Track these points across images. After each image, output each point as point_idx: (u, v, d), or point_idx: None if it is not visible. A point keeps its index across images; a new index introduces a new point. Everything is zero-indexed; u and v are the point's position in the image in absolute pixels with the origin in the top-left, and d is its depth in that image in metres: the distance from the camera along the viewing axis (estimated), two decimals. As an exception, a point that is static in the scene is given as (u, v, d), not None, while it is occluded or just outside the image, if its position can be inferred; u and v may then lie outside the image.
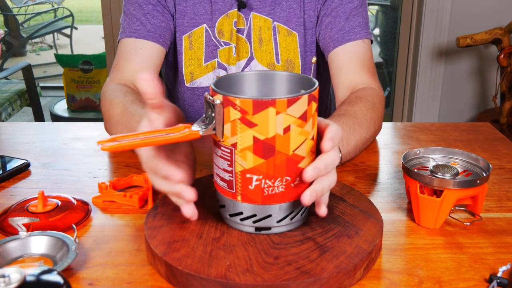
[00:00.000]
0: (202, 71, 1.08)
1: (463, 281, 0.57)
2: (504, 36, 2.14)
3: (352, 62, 0.99)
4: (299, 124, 0.56)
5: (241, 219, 0.60)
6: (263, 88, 0.65)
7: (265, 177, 0.57)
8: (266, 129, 0.55)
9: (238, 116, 0.55)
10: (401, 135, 1.02)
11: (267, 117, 0.54)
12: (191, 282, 0.54)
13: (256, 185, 0.57)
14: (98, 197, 0.75)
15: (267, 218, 0.59)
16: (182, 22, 1.05)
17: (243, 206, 0.59)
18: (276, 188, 0.57)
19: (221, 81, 0.61)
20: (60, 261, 0.57)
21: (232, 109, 0.55)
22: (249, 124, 0.55)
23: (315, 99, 0.57)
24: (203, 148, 0.94)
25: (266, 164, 0.56)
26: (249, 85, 0.64)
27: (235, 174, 0.58)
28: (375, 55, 3.41)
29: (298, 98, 0.55)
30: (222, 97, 0.55)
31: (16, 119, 3.36)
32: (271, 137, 0.55)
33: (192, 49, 1.06)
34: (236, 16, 1.04)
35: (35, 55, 5.36)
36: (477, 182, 0.66)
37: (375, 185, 0.80)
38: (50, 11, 5.58)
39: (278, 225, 0.60)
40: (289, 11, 1.04)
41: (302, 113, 0.56)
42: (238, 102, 0.54)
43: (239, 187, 0.58)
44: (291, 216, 0.60)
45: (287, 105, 0.54)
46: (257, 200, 0.58)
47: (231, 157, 0.57)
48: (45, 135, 1.00)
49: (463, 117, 2.58)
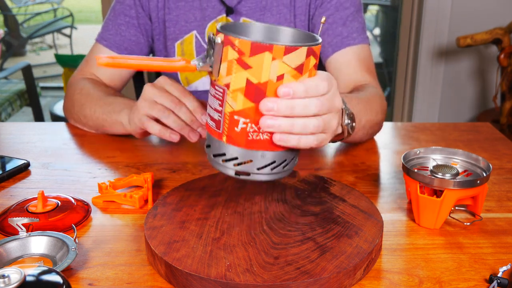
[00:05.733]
0: (196, 76, 1.09)
1: (463, 281, 0.57)
2: (504, 36, 2.14)
3: (352, 64, 0.99)
4: (293, 74, 0.55)
5: (223, 160, 0.60)
6: (268, 38, 0.64)
7: (251, 121, 0.56)
8: (260, 73, 0.55)
9: (235, 57, 0.55)
10: (401, 135, 1.02)
11: (262, 61, 0.54)
12: (191, 282, 0.54)
13: (242, 128, 0.57)
14: (98, 197, 0.75)
15: (248, 163, 0.59)
16: (174, 30, 1.06)
17: (227, 147, 0.59)
18: (261, 134, 0.57)
19: (228, 25, 0.61)
20: (60, 261, 0.57)
21: (230, 48, 0.55)
22: (244, 65, 0.55)
23: (315, 54, 0.56)
24: (203, 147, 0.94)
25: (254, 109, 0.56)
26: (254, 35, 0.64)
27: (224, 114, 0.58)
28: (375, 55, 3.42)
29: (296, 48, 0.54)
30: (223, 36, 0.56)
31: (16, 119, 3.36)
32: (263, 82, 0.55)
33: (184, 55, 1.07)
34: (224, 21, 1.04)
35: (35, 55, 5.36)
36: (477, 182, 0.66)
37: (375, 185, 0.80)
38: (50, 11, 5.58)
39: (258, 172, 0.59)
40: (280, 16, 1.04)
41: (298, 64, 0.55)
42: (237, 42, 0.54)
43: (226, 128, 0.58)
44: (272, 166, 0.59)
45: (284, 53, 0.54)
46: (240, 143, 0.58)
47: (223, 97, 0.57)
48: (45, 135, 1.00)
49: (463, 117, 2.58)
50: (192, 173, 0.84)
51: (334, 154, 0.92)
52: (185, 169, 0.85)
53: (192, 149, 0.93)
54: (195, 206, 0.68)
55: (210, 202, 0.69)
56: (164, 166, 0.87)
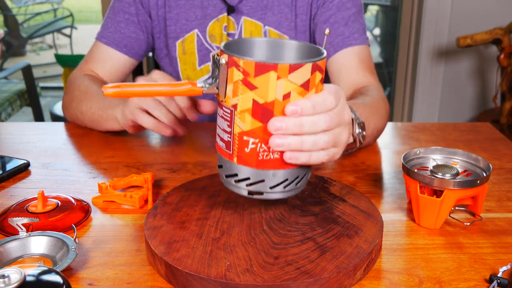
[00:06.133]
0: (198, 75, 1.09)
1: (463, 281, 0.57)
2: (504, 36, 2.14)
3: (353, 63, 0.99)
4: (300, 92, 0.55)
5: (236, 180, 0.60)
6: (272, 54, 0.64)
7: (261, 141, 0.56)
8: (266, 93, 0.54)
9: (240, 77, 0.55)
10: (401, 135, 1.02)
11: (268, 81, 0.54)
12: (191, 282, 0.54)
13: (252, 148, 0.57)
14: (98, 197, 0.74)
15: (260, 183, 0.59)
16: (175, 29, 1.06)
17: (238, 168, 0.59)
18: (271, 153, 0.57)
19: (232, 44, 0.61)
20: (60, 261, 0.57)
21: (235, 69, 0.55)
22: (250, 86, 0.55)
23: (320, 69, 0.56)
24: (203, 147, 0.94)
25: (263, 128, 0.56)
26: (259, 51, 0.64)
27: (233, 135, 0.58)
28: (375, 55, 3.42)
29: (301, 65, 0.54)
30: (227, 57, 0.56)
31: (16, 119, 3.36)
32: (270, 102, 0.55)
33: (186, 54, 1.07)
34: (226, 20, 1.04)
35: (35, 55, 5.36)
36: (477, 182, 0.66)
37: (375, 185, 0.80)
38: (50, 11, 5.58)
39: (271, 191, 0.59)
40: (281, 15, 1.04)
41: (304, 81, 0.55)
42: (242, 63, 0.54)
43: (236, 148, 0.58)
44: (285, 184, 0.59)
45: (289, 71, 0.54)
46: (251, 164, 0.58)
47: (231, 118, 0.57)
48: (45, 135, 1.00)
49: (463, 117, 2.58)
50: (192, 173, 0.84)
51: (334, 154, 0.92)
52: (185, 169, 0.85)
53: (192, 149, 0.93)
54: (195, 206, 0.68)
55: (210, 202, 0.69)
56: (164, 166, 0.87)
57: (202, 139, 0.99)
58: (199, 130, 1.03)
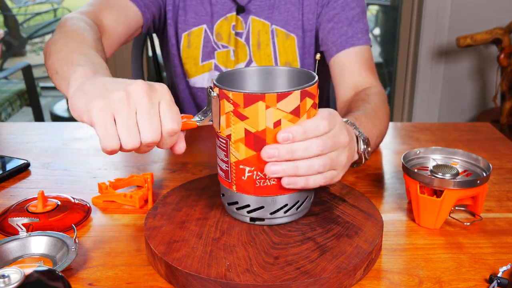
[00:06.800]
0: (198, 71, 1.08)
1: (463, 281, 0.57)
2: (504, 36, 2.14)
3: (355, 64, 0.99)
4: (290, 119, 0.56)
5: (237, 208, 0.62)
6: (265, 82, 0.66)
7: (256, 169, 0.58)
8: (257, 123, 0.56)
9: (231, 109, 0.57)
10: (401, 135, 1.02)
11: (257, 111, 0.56)
12: (191, 282, 0.54)
13: (248, 176, 0.59)
14: (98, 197, 0.74)
15: (260, 209, 0.61)
16: (184, 20, 1.06)
17: (238, 196, 0.61)
18: (268, 180, 0.59)
19: (224, 75, 0.63)
20: (60, 261, 0.57)
21: (226, 101, 0.57)
22: (241, 117, 0.56)
23: (310, 95, 0.57)
24: (203, 148, 0.94)
25: (257, 157, 0.57)
26: (251, 80, 0.66)
27: (230, 164, 0.60)
28: (375, 55, 3.42)
29: (289, 93, 0.55)
30: (218, 90, 0.58)
31: (16, 119, 3.36)
32: (261, 130, 0.56)
33: (190, 47, 1.07)
34: (234, 19, 1.04)
35: (35, 55, 5.36)
36: (477, 182, 0.66)
37: (375, 185, 0.80)
38: (50, 11, 5.58)
39: (272, 217, 0.61)
40: (288, 14, 1.04)
41: (293, 108, 0.56)
42: (231, 95, 0.56)
43: (233, 177, 0.60)
44: (285, 209, 0.61)
45: (277, 100, 0.55)
46: (250, 191, 0.60)
47: (227, 148, 0.59)
48: (45, 135, 1.00)
49: (463, 117, 2.58)
50: (192, 173, 0.84)
51: (334, 154, 0.92)
52: (185, 169, 0.85)
53: (192, 149, 0.93)
54: (195, 206, 0.68)
55: (210, 202, 0.69)
56: (164, 166, 0.87)
57: (202, 139, 0.99)
58: (199, 130, 1.03)
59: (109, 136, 0.54)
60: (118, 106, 0.53)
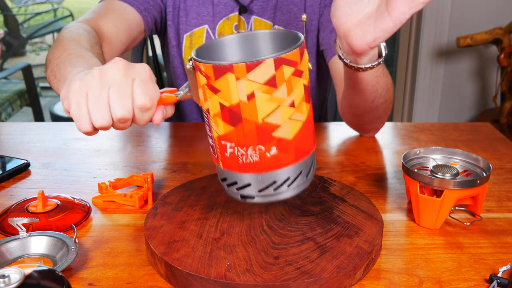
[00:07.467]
0: None
1: (463, 281, 0.57)
2: (504, 36, 2.14)
3: None
4: (265, 90, 0.51)
5: (227, 185, 0.58)
6: (248, 51, 0.61)
7: (237, 144, 0.54)
8: (229, 96, 0.52)
9: (205, 82, 0.53)
10: (401, 135, 1.02)
11: (228, 83, 0.51)
12: (191, 282, 0.54)
13: (230, 152, 0.55)
14: (98, 197, 0.74)
15: (247, 187, 0.57)
16: (185, 21, 1.06)
17: (225, 172, 0.57)
18: (250, 157, 0.54)
19: (205, 46, 0.58)
20: (60, 261, 0.57)
21: (200, 74, 0.54)
22: (214, 89, 0.53)
23: (288, 62, 0.52)
24: (203, 148, 0.94)
25: (235, 132, 0.53)
26: (233, 50, 0.61)
27: (214, 139, 0.56)
28: (375, 55, 3.41)
29: (259, 62, 0.50)
30: (193, 61, 0.54)
31: (16, 119, 3.36)
32: (235, 104, 0.52)
33: (192, 48, 1.07)
34: (237, 19, 1.04)
35: (35, 55, 5.36)
36: (477, 182, 0.66)
37: (375, 185, 0.80)
38: (50, 11, 5.58)
39: (260, 194, 0.57)
40: (290, 15, 1.04)
41: (268, 78, 0.51)
42: (202, 67, 0.53)
43: (218, 153, 0.57)
44: (274, 187, 0.56)
45: (247, 70, 0.50)
46: (234, 168, 0.56)
47: (209, 122, 0.56)
48: (45, 135, 1.00)
49: (463, 117, 2.57)
50: (192, 173, 0.84)
51: (334, 154, 0.92)
52: (185, 169, 0.85)
53: (192, 149, 0.93)
54: (195, 206, 0.68)
55: (210, 202, 0.69)
56: (164, 166, 0.87)
57: (202, 139, 0.99)
58: (199, 130, 1.03)
59: (81, 116, 0.54)
60: (92, 84, 0.54)
